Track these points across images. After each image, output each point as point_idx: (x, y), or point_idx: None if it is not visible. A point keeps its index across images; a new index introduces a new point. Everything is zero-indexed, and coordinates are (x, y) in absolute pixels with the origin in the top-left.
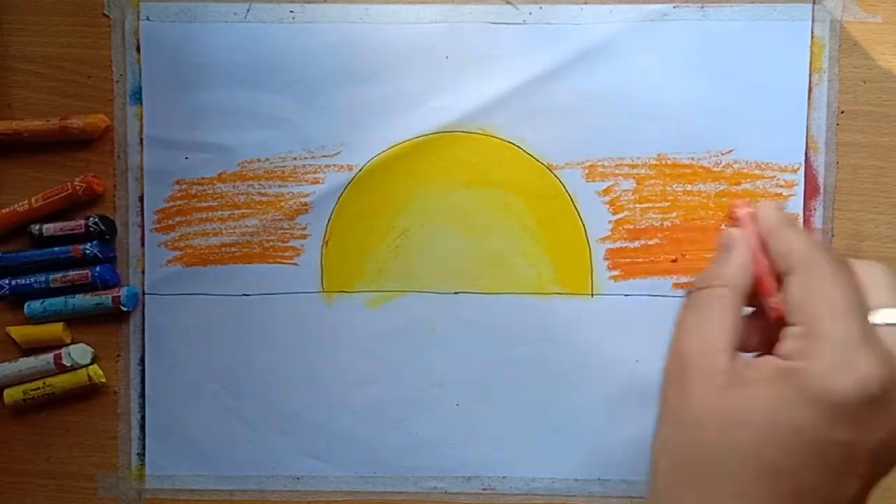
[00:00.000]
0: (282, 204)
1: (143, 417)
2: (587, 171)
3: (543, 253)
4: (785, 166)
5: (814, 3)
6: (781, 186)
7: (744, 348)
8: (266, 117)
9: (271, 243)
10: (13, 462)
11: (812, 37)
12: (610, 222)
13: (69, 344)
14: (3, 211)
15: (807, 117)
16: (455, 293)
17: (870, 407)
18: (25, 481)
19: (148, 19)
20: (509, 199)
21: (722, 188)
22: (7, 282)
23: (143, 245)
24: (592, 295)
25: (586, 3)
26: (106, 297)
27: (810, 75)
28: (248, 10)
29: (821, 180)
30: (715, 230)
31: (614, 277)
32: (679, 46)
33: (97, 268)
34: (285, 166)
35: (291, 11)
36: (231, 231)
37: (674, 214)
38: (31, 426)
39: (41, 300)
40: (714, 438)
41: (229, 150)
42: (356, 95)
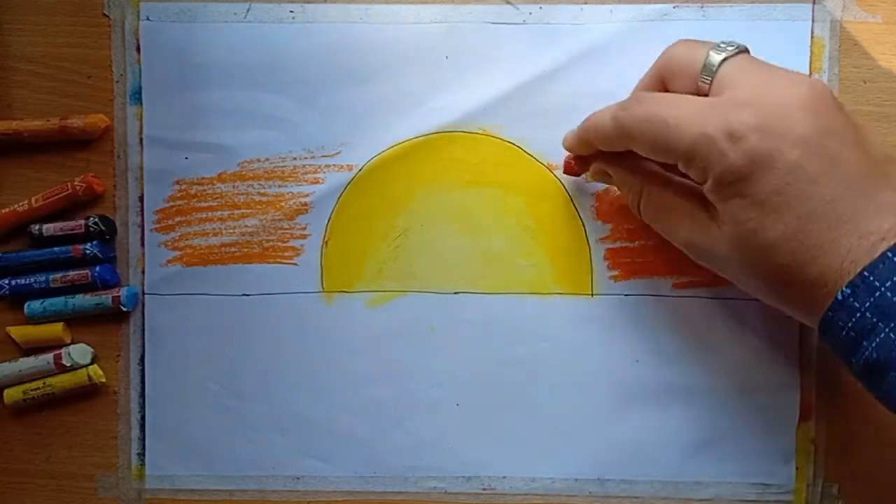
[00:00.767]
0: (282, 204)
1: (143, 417)
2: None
3: (543, 253)
4: None
5: (814, 3)
6: None
7: None
8: (266, 117)
9: (271, 243)
10: (13, 462)
11: (812, 37)
12: (610, 222)
13: (69, 344)
14: (3, 211)
15: None
16: (455, 293)
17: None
18: (25, 481)
19: (148, 19)
20: (509, 199)
21: None
22: (7, 282)
23: (143, 245)
24: (592, 295)
25: (586, 3)
26: (106, 297)
27: (810, 75)
28: (248, 10)
29: None
30: None
31: (614, 277)
32: None
33: (97, 268)
34: (285, 166)
35: (291, 11)
36: (231, 231)
37: None
38: (31, 426)
39: (41, 300)
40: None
41: (229, 150)
42: (356, 95)
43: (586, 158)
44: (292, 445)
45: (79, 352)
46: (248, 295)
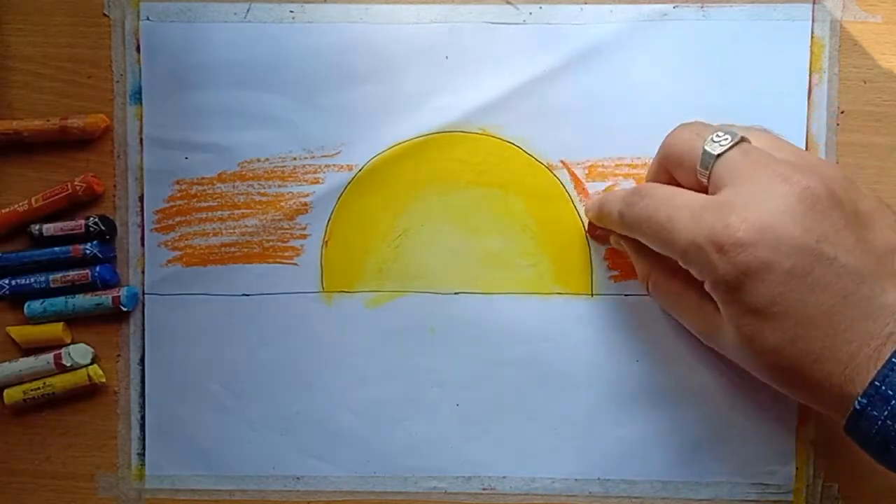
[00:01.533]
0: (282, 204)
1: (143, 417)
2: (587, 171)
3: (543, 253)
4: None
5: (814, 3)
6: None
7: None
8: (266, 117)
9: (271, 243)
10: (13, 462)
11: (812, 37)
12: None
13: (69, 344)
14: (3, 211)
15: (807, 117)
16: (455, 293)
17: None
18: (25, 481)
19: (148, 19)
20: (509, 199)
21: None
22: (7, 282)
23: (143, 245)
24: (592, 295)
25: (586, 3)
26: (106, 297)
27: (810, 75)
28: (248, 10)
29: None
30: None
31: (614, 277)
32: (679, 46)
33: (97, 268)
34: (285, 166)
35: (291, 11)
36: (231, 231)
37: None
38: (31, 426)
39: (41, 300)
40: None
41: (229, 150)
42: (356, 95)
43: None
44: (292, 445)
45: (79, 352)
46: (248, 295)
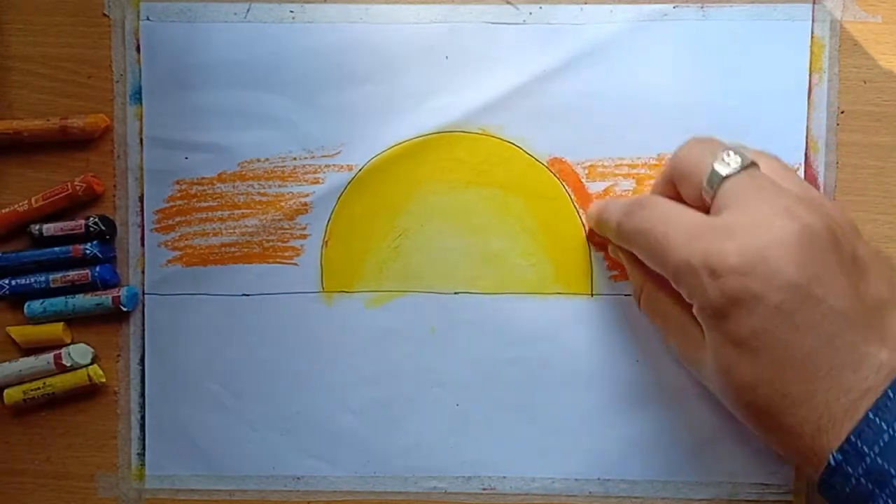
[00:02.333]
0: (282, 204)
1: (143, 417)
2: (587, 171)
3: (543, 253)
4: None
5: (814, 3)
6: None
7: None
8: (266, 117)
9: (271, 243)
10: (13, 462)
11: (812, 37)
12: None
13: (69, 344)
14: (3, 211)
15: (807, 117)
16: (455, 293)
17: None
18: (25, 481)
19: (148, 19)
20: (509, 199)
21: None
22: (7, 282)
23: (143, 245)
24: (592, 295)
25: (586, 3)
26: (106, 297)
27: (810, 75)
28: (248, 10)
29: (821, 180)
30: None
31: (614, 277)
32: (679, 46)
33: (97, 268)
34: (285, 166)
35: (291, 11)
36: (231, 231)
37: None
38: (31, 426)
39: (41, 300)
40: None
41: (229, 150)
42: (356, 95)
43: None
44: (292, 445)
45: (79, 352)
46: (248, 295)
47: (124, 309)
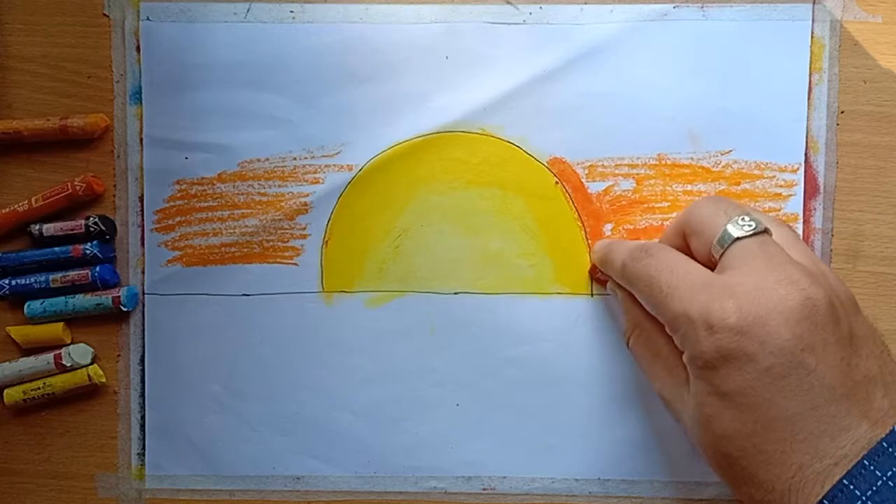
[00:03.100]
0: (282, 204)
1: (143, 417)
2: (587, 171)
3: (543, 253)
4: (785, 166)
5: (814, 3)
6: (781, 186)
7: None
8: (266, 117)
9: (271, 243)
10: (13, 462)
11: (812, 37)
12: (610, 222)
13: (69, 344)
14: (3, 211)
15: (807, 117)
16: (455, 293)
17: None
18: (25, 481)
19: (148, 19)
20: (509, 199)
21: (722, 188)
22: (7, 282)
23: (143, 245)
24: (592, 295)
25: (586, 3)
26: (106, 297)
27: (810, 75)
28: (248, 10)
29: (821, 180)
30: None
31: None
32: (679, 46)
33: (97, 268)
34: (285, 166)
35: (291, 11)
36: (231, 231)
37: (674, 214)
38: (31, 426)
39: (41, 300)
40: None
41: (229, 150)
42: (356, 95)
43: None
44: (292, 445)
45: (79, 352)
46: (248, 295)
47: (124, 309)
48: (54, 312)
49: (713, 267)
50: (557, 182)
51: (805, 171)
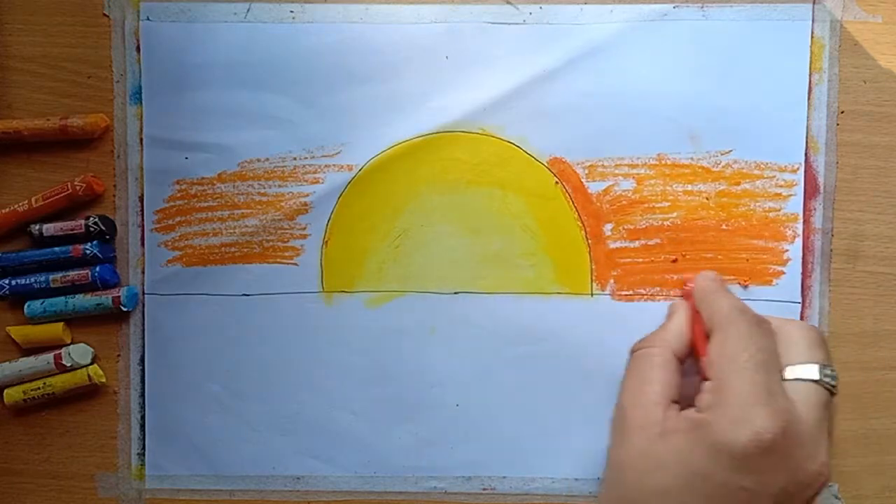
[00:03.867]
0: (282, 204)
1: (143, 417)
2: (587, 171)
3: (543, 253)
4: (785, 166)
5: (814, 3)
6: (781, 186)
7: (686, 402)
8: (266, 117)
9: (271, 243)
10: (13, 462)
11: (812, 37)
12: (610, 222)
13: (69, 344)
14: (3, 211)
15: (807, 117)
16: (455, 293)
17: (767, 457)
18: (25, 481)
19: (148, 19)
20: (509, 199)
21: (722, 188)
22: (7, 282)
23: (143, 245)
24: (592, 295)
25: (586, 3)
26: (106, 297)
27: (810, 75)
28: (248, 10)
29: (821, 180)
30: (715, 230)
31: (614, 277)
32: (679, 46)
33: (97, 268)
34: (285, 166)
35: (291, 11)
36: (231, 231)
37: (674, 214)
38: (31, 426)
39: (41, 300)
40: (636, 480)
41: (229, 150)
42: (356, 95)
43: None
44: (292, 445)
45: (79, 352)
46: (248, 295)
47: (124, 309)
48: (54, 312)
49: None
50: (557, 182)
51: (805, 171)
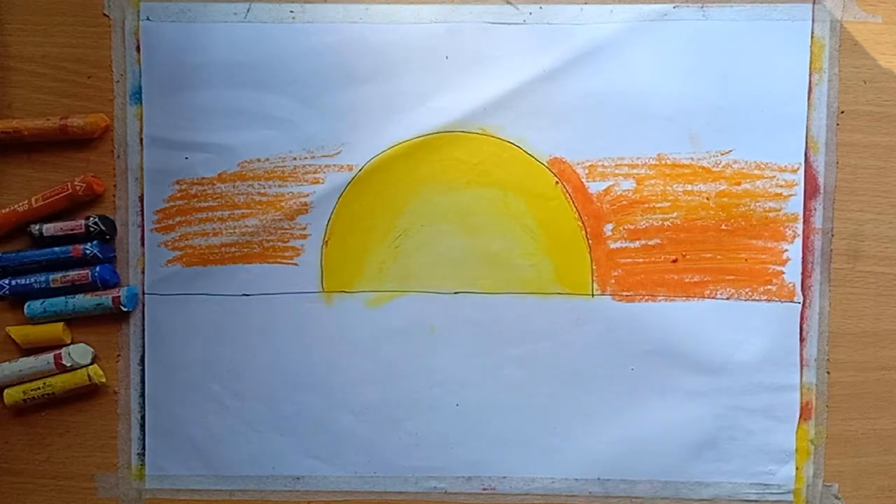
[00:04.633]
0: (282, 204)
1: (143, 417)
2: (587, 171)
3: (543, 253)
4: (785, 166)
5: (814, 3)
6: (781, 186)
7: None
8: (266, 117)
9: (271, 243)
10: (13, 462)
11: (812, 37)
12: (610, 222)
13: (69, 344)
14: (3, 211)
15: (807, 117)
16: (455, 293)
17: None
18: (25, 481)
19: (148, 19)
20: (509, 199)
21: (722, 188)
22: (7, 282)
23: (143, 245)
24: (592, 295)
25: (586, 3)
26: (106, 297)
27: (810, 75)
28: (248, 10)
29: (821, 180)
30: (715, 230)
31: (614, 278)
32: (679, 46)
33: (97, 268)
34: (285, 166)
35: (291, 11)
36: (231, 231)
37: (674, 214)
38: (31, 426)
39: (41, 300)
40: None
41: (229, 150)
42: (356, 95)
43: None
44: (292, 445)
45: (79, 352)
46: (248, 295)
47: (124, 309)
48: (54, 312)
49: None
50: (557, 182)
51: (805, 171)
